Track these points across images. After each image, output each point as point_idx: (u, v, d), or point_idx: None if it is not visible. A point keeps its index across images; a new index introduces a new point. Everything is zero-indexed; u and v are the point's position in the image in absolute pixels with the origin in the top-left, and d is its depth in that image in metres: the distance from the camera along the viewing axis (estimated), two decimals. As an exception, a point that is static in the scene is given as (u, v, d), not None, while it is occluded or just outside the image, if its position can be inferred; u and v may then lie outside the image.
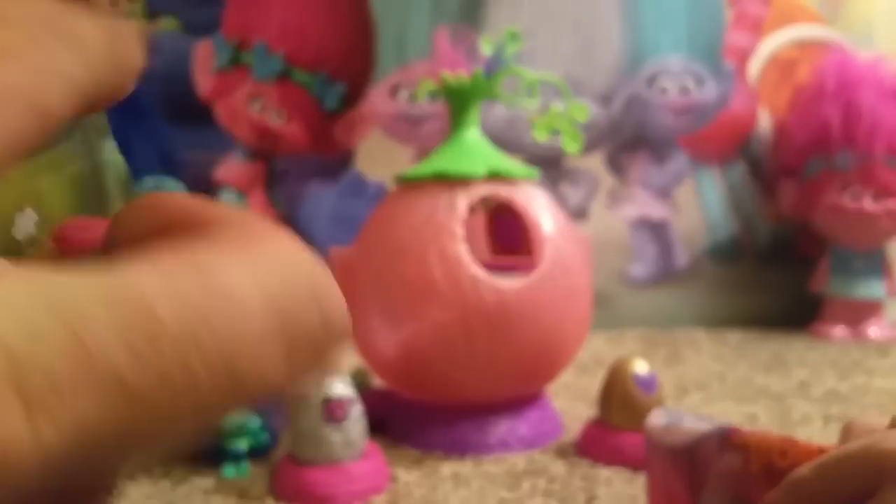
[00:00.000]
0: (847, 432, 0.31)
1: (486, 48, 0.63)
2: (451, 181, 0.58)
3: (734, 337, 1.03)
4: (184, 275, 0.10)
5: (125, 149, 0.94)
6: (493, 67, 0.62)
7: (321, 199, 1.08)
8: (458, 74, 0.61)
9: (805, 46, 1.14)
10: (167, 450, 0.10)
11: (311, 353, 0.11)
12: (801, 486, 0.28)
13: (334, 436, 0.49)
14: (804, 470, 0.28)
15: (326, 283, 0.12)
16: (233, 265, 0.10)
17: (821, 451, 0.30)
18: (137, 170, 1.03)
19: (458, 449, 0.57)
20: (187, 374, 0.09)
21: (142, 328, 0.09)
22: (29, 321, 0.09)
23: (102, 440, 0.09)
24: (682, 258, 1.13)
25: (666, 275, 1.13)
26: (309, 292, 0.11)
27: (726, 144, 1.14)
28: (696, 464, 0.34)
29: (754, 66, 1.14)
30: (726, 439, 0.33)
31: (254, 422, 0.54)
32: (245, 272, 0.10)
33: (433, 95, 0.66)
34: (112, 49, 0.12)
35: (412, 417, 0.60)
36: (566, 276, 0.57)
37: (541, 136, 0.64)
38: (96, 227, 0.14)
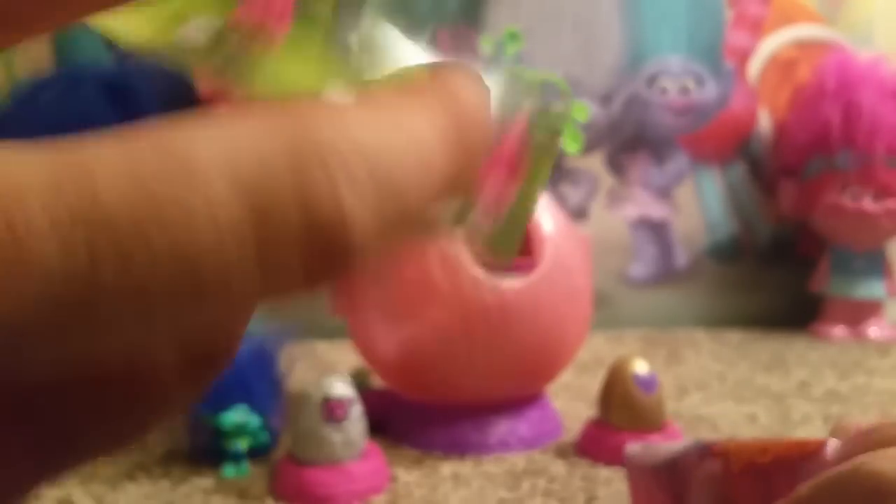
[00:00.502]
0: (836, 432, 0.32)
1: (486, 48, 0.63)
2: (451, 181, 0.57)
3: (734, 337, 1.03)
4: (145, 149, 0.08)
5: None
6: (493, 67, 0.62)
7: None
8: (458, 74, 0.61)
9: (805, 46, 1.14)
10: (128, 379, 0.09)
11: (292, 258, 0.08)
12: None
13: (334, 436, 0.49)
14: (803, 490, 0.28)
15: (331, 156, 0.08)
16: (200, 130, 0.08)
17: (800, 444, 0.30)
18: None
19: (458, 449, 0.57)
20: (131, 272, 0.08)
21: (81, 214, 0.08)
22: None
23: (30, 345, 0.08)
24: (682, 258, 1.13)
25: (666, 275, 1.13)
26: (289, 171, 0.08)
27: (726, 144, 1.14)
28: (678, 475, 0.35)
29: (754, 66, 1.14)
30: (705, 449, 0.33)
31: (254, 422, 0.54)
32: (213, 140, 0.08)
33: (433, 95, 0.66)
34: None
35: (412, 417, 0.60)
36: (566, 276, 0.57)
37: (541, 136, 0.64)
38: None
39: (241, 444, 0.54)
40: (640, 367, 0.55)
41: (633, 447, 0.38)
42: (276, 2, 0.13)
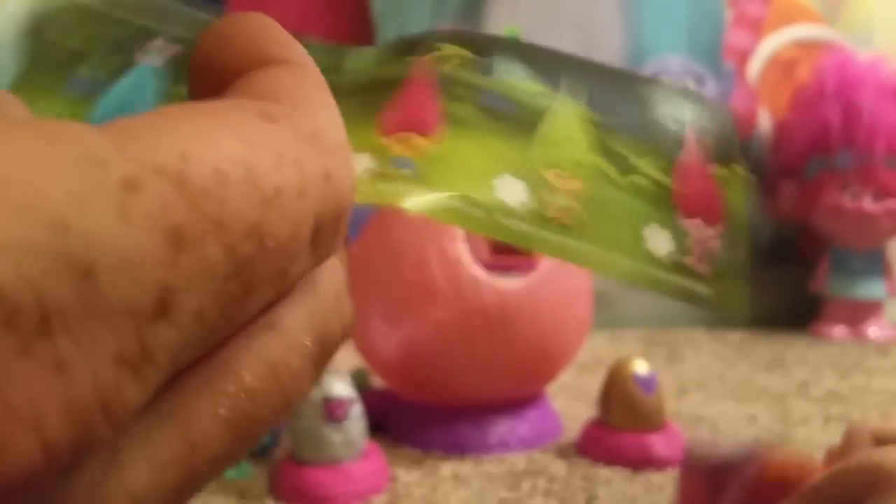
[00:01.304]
0: (849, 436, 0.33)
1: (486, 48, 0.63)
2: (451, 181, 0.57)
3: (734, 337, 1.03)
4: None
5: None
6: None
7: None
8: (458, 74, 0.61)
9: (805, 46, 1.14)
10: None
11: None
12: (812, 494, 0.30)
13: (334, 436, 0.49)
14: (817, 479, 0.30)
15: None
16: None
17: None
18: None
19: (458, 449, 0.57)
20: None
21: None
22: (77, 187, 0.08)
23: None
24: (682, 258, 1.13)
25: (666, 275, 1.13)
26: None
27: (726, 144, 1.14)
28: (720, 479, 0.36)
29: (754, 66, 1.14)
30: (748, 461, 0.34)
31: (254, 422, 0.54)
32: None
33: (433, 95, 0.66)
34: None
35: (412, 417, 0.60)
36: (566, 276, 0.57)
37: (541, 136, 0.64)
38: None
39: (241, 444, 0.54)
40: (640, 367, 0.55)
41: (696, 446, 0.39)
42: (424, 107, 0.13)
